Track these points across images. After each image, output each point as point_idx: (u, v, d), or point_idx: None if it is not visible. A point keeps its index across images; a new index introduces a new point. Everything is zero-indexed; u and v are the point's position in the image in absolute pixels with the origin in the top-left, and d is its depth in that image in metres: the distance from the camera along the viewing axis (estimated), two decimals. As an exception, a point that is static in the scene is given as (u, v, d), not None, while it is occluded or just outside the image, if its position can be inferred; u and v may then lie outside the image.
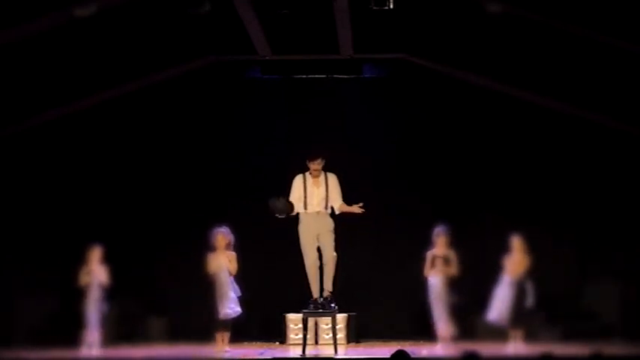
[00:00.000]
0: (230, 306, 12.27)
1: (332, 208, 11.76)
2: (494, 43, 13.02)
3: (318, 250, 11.63)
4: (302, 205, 11.62)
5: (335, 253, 11.60)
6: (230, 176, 14.48)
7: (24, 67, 12.65)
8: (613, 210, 14.03)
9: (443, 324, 12.37)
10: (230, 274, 12.37)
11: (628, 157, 13.95)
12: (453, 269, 12.37)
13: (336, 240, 11.66)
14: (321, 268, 11.62)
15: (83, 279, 12.42)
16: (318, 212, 11.61)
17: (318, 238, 11.60)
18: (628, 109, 13.28)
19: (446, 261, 12.40)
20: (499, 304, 12.43)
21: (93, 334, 12.41)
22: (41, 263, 13.73)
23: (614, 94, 13.17)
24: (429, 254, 12.50)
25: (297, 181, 11.73)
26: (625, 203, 14.02)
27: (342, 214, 11.77)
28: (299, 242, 11.69)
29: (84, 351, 12.28)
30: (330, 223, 11.65)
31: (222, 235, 12.46)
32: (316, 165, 11.63)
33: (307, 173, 11.72)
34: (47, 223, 14.03)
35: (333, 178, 11.72)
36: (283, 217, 11.57)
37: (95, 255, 12.53)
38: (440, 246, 12.49)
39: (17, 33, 11.70)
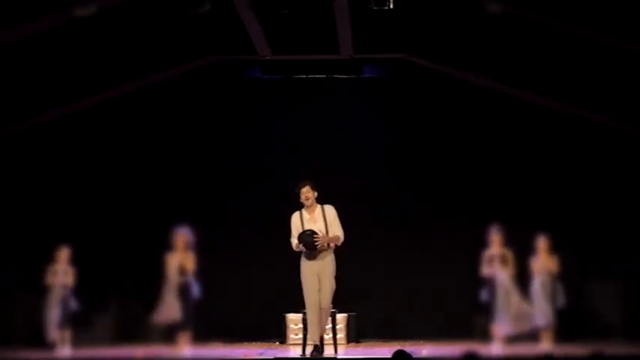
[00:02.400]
0: (166, 312, 12.22)
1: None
2: (494, 43, 13.02)
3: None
4: None
5: (331, 304, 11.10)
6: (230, 176, 14.48)
7: (24, 67, 12.65)
8: (613, 210, 14.03)
9: (503, 323, 12.45)
10: (189, 274, 12.30)
11: (628, 157, 13.95)
12: (510, 268, 12.46)
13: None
14: None
15: (50, 279, 12.51)
16: (320, 251, 10.97)
17: (319, 278, 10.99)
18: (628, 109, 13.28)
19: (504, 260, 12.50)
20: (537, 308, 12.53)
21: (54, 334, 12.47)
22: (41, 263, 13.72)
23: (614, 94, 13.17)
24: (486, 254, 12.57)
25: (294, 217, 11.08)
26: (625, 203, 14.02)
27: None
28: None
29: (55, 352, 12.32)
30: (331, 262, 11.01)
31: (183, 236, 12.39)
32: (305, 194, 10.98)
33: (303, 209, 11.08)
34: (47, 223, 14.02)
35: (330, 210, 11.05)
36: (311, 251, 10.96)
37: (63, 255, 12.60)
38: (496, 245, 12.57)
39: (17, 33, 11.71)
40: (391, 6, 11.89)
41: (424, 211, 14.21)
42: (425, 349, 12.31)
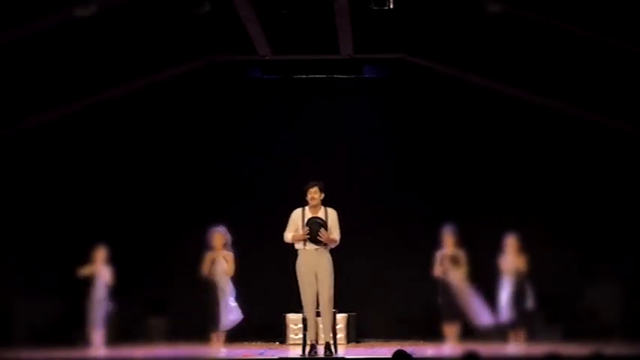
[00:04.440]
0: (230, 316, 12.33)
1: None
2: (494, 43, 13.02)
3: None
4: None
5: (332, 297, 11.10)
6: (230, 176, 14.48)
7: (24, 67, 12.65)
8: (613, 210, 14.03)
9: (450, 323, 12.48)
10: (227, 274, 12.42)
11: (628, 157, 13.95)
12: (463, 268, 12.44)
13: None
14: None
15: (86, 271, 12.57)
16: (317, 249, 11.09)
17: (316, 277, 11.09)
18: (628, 109, 13.28)
19: (455, 260, 12.46)
20: (501, 306, 12.51)
21: (98, 333, 12.54)
22: (42, 263, 13.73)
23: (614, 94, 13.17)
24: (438, 254, 12.55)
25: (296, 214, 11.20)
26: (625, 203, 14.01)
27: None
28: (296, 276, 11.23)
29: (91, 351, 12.36)
30: (329, 261, 11.10)
31: (220, 235, 12.47)
32: (312, 194, 11.07)
33: (306, 207, 11.18)
34: (49, 224, 14.01)
35: (333, 214, 11.14)
36: (309, 239, 11.05)
37: (100, 255, 12.64)
38: (448, 246, 12.56)
39: (17, 33, 11.71)
40: (391, 6, 11.91)
41: (425, 211, 14.20)
42: (429, 349, 12.32)
